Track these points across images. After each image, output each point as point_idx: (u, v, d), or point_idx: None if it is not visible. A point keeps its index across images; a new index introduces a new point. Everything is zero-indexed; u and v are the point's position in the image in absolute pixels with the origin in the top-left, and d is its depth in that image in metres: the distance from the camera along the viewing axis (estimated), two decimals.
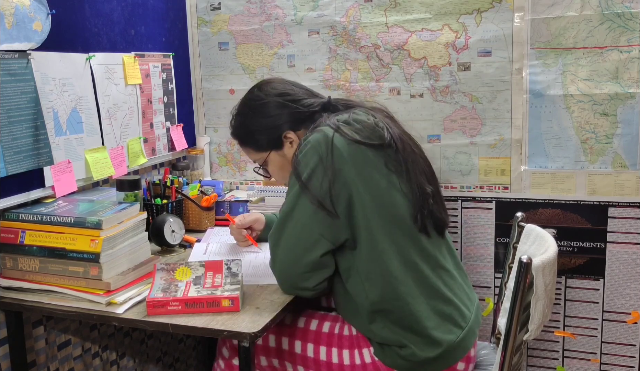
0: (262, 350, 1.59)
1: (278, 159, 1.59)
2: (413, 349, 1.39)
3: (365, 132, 1.43)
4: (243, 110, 1.60)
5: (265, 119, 1.55)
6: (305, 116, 1.54)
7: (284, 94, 1.56)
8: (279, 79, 1.63)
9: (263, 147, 1.58)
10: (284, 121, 1.54)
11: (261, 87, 1.60)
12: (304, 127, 1.54)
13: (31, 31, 1.56)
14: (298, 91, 1.58)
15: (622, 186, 1.93)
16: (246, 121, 1.59)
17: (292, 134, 1.54)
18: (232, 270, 1.48)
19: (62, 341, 1.75)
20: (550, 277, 1.40)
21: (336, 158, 1.38)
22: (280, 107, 1.54)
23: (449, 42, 2.03)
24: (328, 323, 1.54)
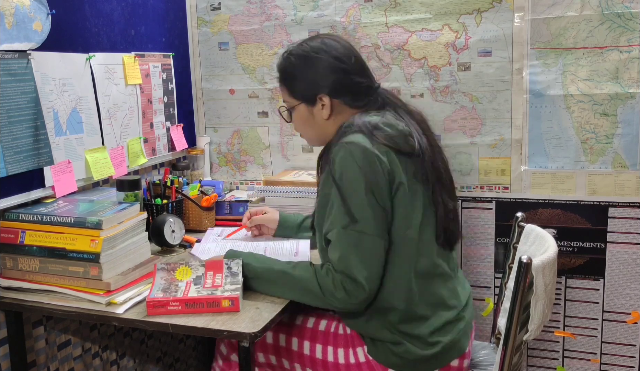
0: (260, 346, 1.59)
1: (305, 114, 1.55)
2: (407, 346, 1.39)
3: (396, 140, 1.41)
4: (297, 52, 1.54)
5: (311, 72, 1.51)
6: (348, 90, 1.51)
7: (340, 59, 1.50)
8: (344, 42, 1.56)
9: (297, 95, 1.55)
10: (326, 84, 1.50)
11: (324, 40, 1.53)
12: (342, 100, 1.51)
13: (31, 31, 1.56)
14: (354, 63, 1.52)
15: (622, 186, 1.93)
16: (295, 62, 1.53)
17: (327, 99, 1.50)
18: (232, 270, 1.48)
19: (62, 341, 1.75)
20: (550, 277, 1.40)
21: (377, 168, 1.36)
22: (330, 70, 1.50)
23: (449, 42, 2.03)
24: (325, 321, 1.55)
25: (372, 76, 1.56)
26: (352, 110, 1.51)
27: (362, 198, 1.35)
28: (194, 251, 1.76)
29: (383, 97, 1.53)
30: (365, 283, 1.33)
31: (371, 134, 1.39)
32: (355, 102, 1.51)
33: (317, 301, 1.39)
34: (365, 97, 1.52)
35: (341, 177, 1.37)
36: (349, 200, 1.35)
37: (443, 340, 1.41)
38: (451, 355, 1.43)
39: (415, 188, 1.41)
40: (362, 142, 1.38)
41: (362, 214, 1.35)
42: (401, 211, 1.39)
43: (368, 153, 1.36)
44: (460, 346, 1.44)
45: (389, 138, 1.40)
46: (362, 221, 1.34)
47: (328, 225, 1.39)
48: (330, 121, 1.52)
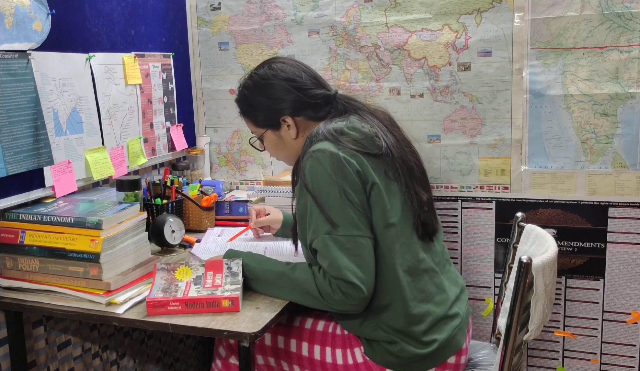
0: (259, 348, 1.59)
1: (273, 138, 1.59)
2: (402, 345, 1.40)
3: (363, 142, 1.44)
4: (248, 84, 1.60)
5: (267, 99, 1.56)
6: (307, 105, 1.54)
7: (291, 79, 1.54)
8: (290, 61, 1.60)
9: (261, 123, 1.59)
10: (285, 105, 1.54)
11: (271, 65, 1.58)
12: (304, 116, 1.55)
13: (31, 31, 1.56)
14: (306, 78, 1.56)
15: (622, 186, 1.93)
16: (249, 95, 1.59)
17: (290, 120, 1.54)
18: (232, 270, 1.48)
19: (62, 341, 1.75)
20: (550, 277, 1.40)
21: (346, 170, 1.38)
22: (285, 91, 1.54)
23: (449, 42, 2.03)
24: (322, 322, 1.55)
25: (327, 85, 1.61)
26: (316, 123, 1.54)
27: (338, 202, 1.36)
28: (194, 251, 1.76)
29: (343, 103, 1.56)
30: (360, 284, 1.34)
31: (337, 139, 1.42)
32: (317, 114, 1.55)
33: (316, 303, 1.39)
34: (326, 106, 1.55)
35: (314, 185, 1.39)
36: (326, 206, 1.37)
37: (438, 337, 1.41)
38: (447, 352, 1.43)
39: (390, 186, 1.43)
40: (328, 149, 1.40)
41: (342, 218, 1.36)
42: (378, 210, 1.40)
43: (335, 158, 1.39)
44: (455, 343, 1.45)
45: (355, 141, 1.43)
46: (343, 224, 1.35)
47: (311, 234, 1.39)
48: (299, 138, 1.56)
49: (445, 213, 2.12)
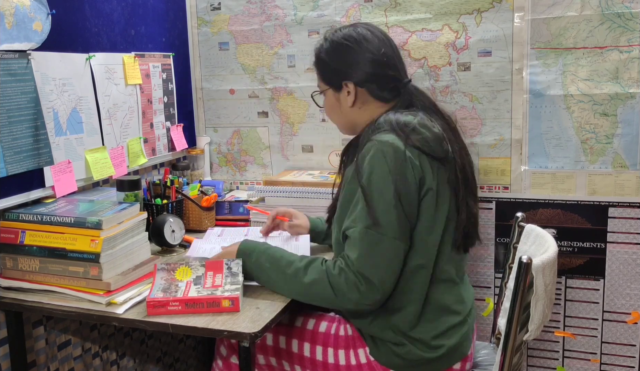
0: (260, 348, 1.59)
1: (332, 99, 1.56)
2: (409, 347, 1.39)
3: (431, 144, 1.39)
4: (330, 38, 1.54)
5: (340, 59, 1.51)
6: (374, 79, 1.49)
7: (370, 50, 1.49)
8: (379, 32, 1.53)
9: (326, 80, 1.56)
10: (353, 72, 1.49)
11: (357, 28, 1.53)
12: (368, 89, 1.49)
13: (31, 31, 1.56)
14: (383, 54, 1.49)
15: (622, 186, 1.93)
16: (326, 49, 1.54)
17: (352, 87, 1.50)
18: (232, 270, 1.48)
19: (62, 341, 1.75)
20: (550, 277, 1.40)
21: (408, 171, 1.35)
22: (358, 58, 1.49)
23: (449, 42, 2.03)
24: (325, 323, 1.55)
25: (404, 70, 1.54)
26: (377, 102, 1.50)
27: (389, 202, 1.33)
28: (191, 251, 1.73)
29: (412, 93, 1.50)
30: (379, 285, 1.33)
31: (406, 135, 1.37)
32: (382, 94, 1.49)
33: (329, 302, 1.38)
34: (392, 90, 1.50)
35: (370, 176, 1.35)
36: (375, 202, 1.33)
37: (446, 343, 1.41)
38: (454, 358, 1.43)
39: (444, 193, 1.39)
40: (395, 143, 1.36)
41: (386, 218, 1.33)
42: (426, 216, 1.37)
43: (400, 155, 1.34)
44: (462, 350, 1.44)
45: (423, 141, 1.38)
46: (386, 224, 1.33)
47: (349, 222, 1.37)
48: (355, 109, 1.51)
49: None
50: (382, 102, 1.50)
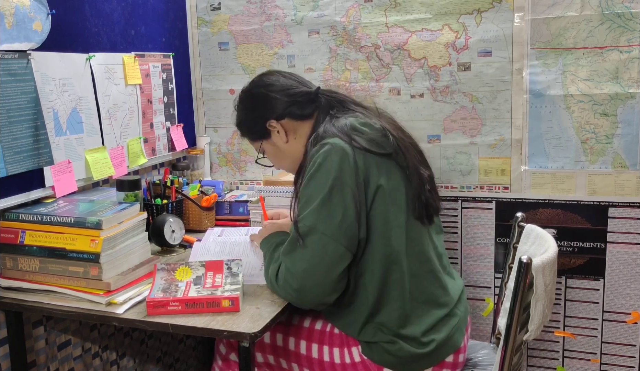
0: (258, 346, 1.60)
1: (270, 148, 1.61)
2: (401, 345, 1.40)
3: (376, 140, 1.43)
4: (237, 103, 1.65)
5: (250, 110, 1.60)
6: (289, 105, 1.54)
7: (267, 85, 1.57)
8: (270, 71, 1.64)
9: (255, 137, 1.62)
10: (267, 111, 1.56)
11: (252, 80, 1.64)
12: (289, 117, 1.55)
13: (31, 31, 1.56)
14: (284, 81, 1.58)
15: (622, 186, 1.93)
16: (238, 112, 1.65)
17: (275, 123, 1.55)
18: (232, 270, 1.48)
19: (62, 341, 1.75)
20: (550, 277, 1.40)
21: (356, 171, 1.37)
22: (263, 98, 1.57)
23: (449, 42, 2.03)
24: (320, 321, 1.55)
25: (307, 82, 1.61)
26: (304, 121, 1.55)
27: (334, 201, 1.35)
28: (194, 251, 1.73)
29: (326, 97, 1.56)
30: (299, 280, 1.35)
31: (349, 137, 1.41)
32: (303, 112, 1.55)
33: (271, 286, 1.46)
34: (310, 104, 1.55)
35: (317, 169, 1.38)
36: (322, 200, 1.36)
37: (437, 337, 1.42)
38: (445, 351, 1.44)
39: (397, 183, 1.42)
40: (340, 144, 1.39)
41: (328, 218, 1.35)
42: (381, 216, 1.39)
43: (345, 155, 1.37)
44: (454, 342, 1.45)
45: (368, 141, 1.42)
46: (327, 224, 1.34)
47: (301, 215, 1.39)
48: (290, 142, 1.57)
49: (445, 213, 2.12)
50: (308, 120, 1.55)
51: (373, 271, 1.40)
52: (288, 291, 1.38)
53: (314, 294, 1.37)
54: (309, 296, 1.37)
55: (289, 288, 1.38)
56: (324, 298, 1.39)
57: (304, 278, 1.35)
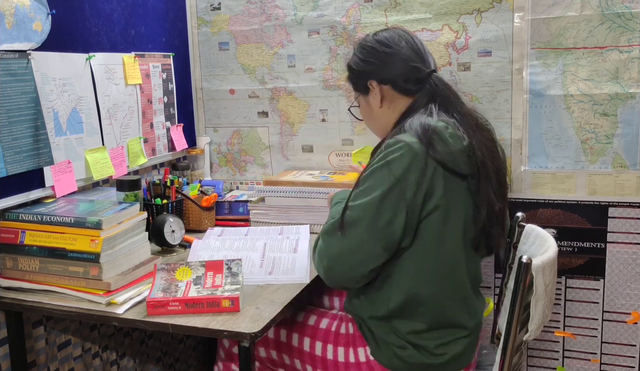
0: (262, 341, 1.60)
1: (364, 105, 1.58)
2: (412, 351, 1.39)
3: (456, 158, 1.34)
4: (356, 47, 1.59)
5: (361, 61, 1.54)
6: (396, 74, 1.49)
7: (386, 44, 1.51)
8: (399, 30, 1.55)
9: (355, 87, 1.59)
10: (373, 69, 1.51)
11: (377, 32, 1.56)
12: (391, 85, 1.49)
13: (31, 31, 1.56)
14: (406, 51, 1.49)
15: (622, 186, 1.93)
16: (352, 58, 1.59)
17: (375, 85, 1.51)
18: (232, 270, 1.48)
19: (62, 341, 1.75)
20: (550, 277, 1.40)
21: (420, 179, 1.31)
22: (376, 55, 1.51)
23: (449, 42, 2.03)
24: (326, 320, 1.55)
25: (427, 60, 1.51)
26: (404, 97, 1.49)
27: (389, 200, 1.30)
28: (193, 249, 1.73)
29: (434, 84, 1.47)
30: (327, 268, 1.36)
31: (429, 141, 1.32)
32: (405, 86, 1.48)
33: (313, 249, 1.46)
34: (416, 82, 1.48)
35: (384, 164, 1.33)
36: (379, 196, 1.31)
37: (449, 352, 1.40)
38: (456, 366, 1.42)
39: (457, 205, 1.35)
40: (416, 146, 1.32)
41: (373, 210, 1.31)
42: (434, 231, 1.34)
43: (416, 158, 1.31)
44: (465, 359, 1.44)
45: (448, 155, 1.32)
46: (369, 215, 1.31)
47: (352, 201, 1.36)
48: (384, 109, 1.52)
49: None
50: (408, 96, 1.49)
51: (402, 279, 1.37)
52: (319, 267, 1.40)
53: (341, 279, 1.38)
54: (336, 278, 1.38)
55: (320, 265, 1.39)
56: (350, 284, 1.39)
57: (334, 262, 1.35)
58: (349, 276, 1.36)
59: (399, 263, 1.38)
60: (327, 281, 1.40)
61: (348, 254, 1.33)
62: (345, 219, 1.34)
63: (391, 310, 1.39)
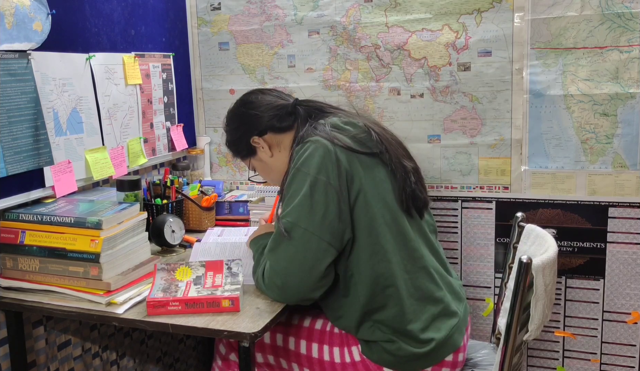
0: (258, 346, 1.60)
1: (259, 164, 1.66)
2: (400, 344, 1.40)
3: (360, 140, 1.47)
4: (225, 124, 1.70)
5: (234, 130, 1.65)
6: (268, 120, 1.58)
7: (248, 103, 1.63)
8: (254, 91, 1.68)
9: (242, 155, 1.67)
10: (248, 128, 1.60)
11: (235, 101, 1.69)
12: (270, 131, 1.59)
13: (31, 31, 1.56)
14: (262, 98, 1.62)
15: (622, 186, 1.93)
16: (226, 134, 1.70)
17: (257, 139, 1.60)
18: (232, 270, 1.48)
19: (62, 342, 1.75)
20: (550, 277, 1.40)
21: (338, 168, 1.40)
22: (243, 117, 1.62)
23: (449, 42, 2.03)
24: (321, 320, 1.56)
25: (286, 96, 1.65)
26: (286, 134, 1.59)
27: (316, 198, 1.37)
28: (193, 255, 1.73)
29: (304, 106, 1.59)
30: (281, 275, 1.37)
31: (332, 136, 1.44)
32: (282, 125, 1.58)
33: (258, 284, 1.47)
34: (288, 116, 1.58)
35: (300, 166, 1.41)
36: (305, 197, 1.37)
37: (436, 337, 1.42)
38: (445, 351, 1.44)
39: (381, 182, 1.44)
40: (323, 142, 1.42)
41: (305, 209, 1.37)
42: (368, 213, 1.41)
43: (328, 153, 1.40)
44: (453, 342, 1.45)
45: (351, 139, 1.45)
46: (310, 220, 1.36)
47: (285, 212, 1.41)
48: (276, 154, 1.60)
49: (445, 213, 2.12)
50: (289, 131, 1.58)
51: (361, 270, 1.41)
52: (273, 288, 1.40)
53: (297, 290, 1.38)
54: (292, 292, 1.39)
55: (273, 285, 1.39)
56: (308, 294, 1.40)
57: (287, 274, 1.37)
58: (305, 284, 1.37)
59: (352, 258, 1.42)
60: (283, 299, 1.42)
61: (298, 260, 1.36)
62: (284, 226, 1.38)
63: (364, 304, 1.41)
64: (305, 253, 1.36)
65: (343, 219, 1.38)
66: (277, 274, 1.38)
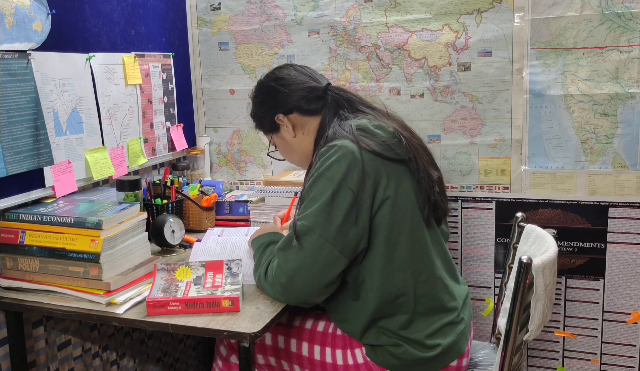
0: (259, 348, 1.59)
1: (280, 142, 1.63)
2: (406, 348, 1.39)
3: (389, 146, 1.42)
4: (252, 94, 1.67)
5: (262, 104, 1.62)
6: (296, 99, 1.55)
7: (278, 78, 1.59)
8: (286, 65, 1.64)
9: (266, 130, 1.64)
10: (275, 104, 1.57)
11: (267, 73, 1.65)
12: (297, 111, 1.56)
13: (31, 31, 1.56)
14: (295, 75, 1.58)
15: (622, 186, 1.93)
16: (252, 107, 1.66)
17: (282, 117, 1.57)
18: (232, 270, 1.48)
19: (62, 342, 1.75)
20: (551, 277, 1.40)
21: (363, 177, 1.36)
22: (272, 92, 1.58)
23: (449, 42, 2.03)
24: (323, 322, 1.55)
25: (319, 77, 1.61)
26: (312, 117, 1.56)
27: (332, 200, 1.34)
28: (193, 255, 1.73)
29: (334, 94, 1.55)
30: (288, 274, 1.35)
31: (359, 139, 1.40)
32: (310, 107, 1.55)
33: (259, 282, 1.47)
34: (317, 100, 1.55)
35: (324, 171, 1.37)
36: (327, 203, 1.34)
37: (442, 342, 1.41)
38: (450, 357, 1.43)
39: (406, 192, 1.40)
40: (350, 147, 1.38)
41: (324, 215, 1.34)
42: (388, 223, 1.38)
43: (356, 160, 1.36)
44: (459, 348, 1.44)
45: (379, 144, 1.40)
46: (327, 229, 1.33)
47: (302, 215, 1.38)
48: (299, 136, 1.58)
49: None
50: (316, 115, 1.55)
51: (374, 278, 1.39)
52: (275, 285, 1.38)
53: (301, 292, 1.37)
54: (295, 293, 1.37)
55: (276, 282, 1.38)
56: (310, 298, 1.39)
57: (294, 275, 1.35)
58: (310, 287, 1.36)
59: (366, 264, 1.40)
60: (285, 298, 1.40)
61: (307, 264, 1.34)
62: (297, 230, 1.36)
63: (373, 311, 1.40)
64: (315, 259, 1.34)
65: (360, 229, 1.35)
66: (283, 273, 1.36)
